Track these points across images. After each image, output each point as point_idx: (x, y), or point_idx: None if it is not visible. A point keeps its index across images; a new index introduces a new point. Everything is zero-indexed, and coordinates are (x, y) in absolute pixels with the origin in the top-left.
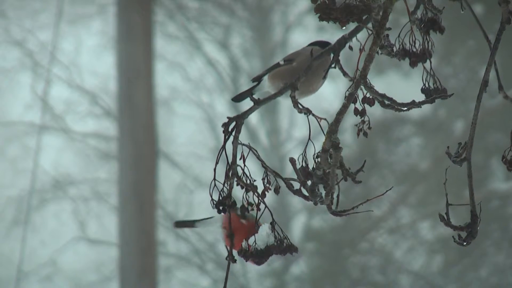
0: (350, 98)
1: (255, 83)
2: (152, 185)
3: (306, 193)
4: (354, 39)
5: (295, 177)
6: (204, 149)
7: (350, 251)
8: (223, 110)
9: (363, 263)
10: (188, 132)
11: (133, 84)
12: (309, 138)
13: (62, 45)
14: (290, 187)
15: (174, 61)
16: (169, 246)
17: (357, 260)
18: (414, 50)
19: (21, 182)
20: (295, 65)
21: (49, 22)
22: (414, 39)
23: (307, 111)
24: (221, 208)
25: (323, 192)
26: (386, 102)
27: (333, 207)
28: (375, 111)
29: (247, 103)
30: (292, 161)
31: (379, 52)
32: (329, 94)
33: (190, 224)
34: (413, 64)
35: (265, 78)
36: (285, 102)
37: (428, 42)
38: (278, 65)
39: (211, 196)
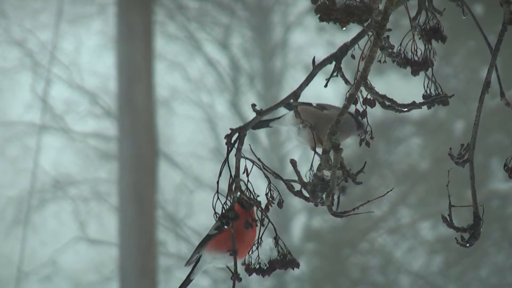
0: (350, 99)
1: (276, 117)
2: (152, 185)
3: (306, 194)
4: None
5: (295, 177)
6: (204, 149)
7: (350, 251)
8: (223, 110)
9: (363, 263)
10: (188, 132)
11: (133, 84)
12: (315, 151)
13: (62, 45)
14: (291, 188)
15: (174, 61)
16: (169, 246)
17: (357, 260)
18: (416, 58)
19: (21, 182)
20: (326, 113)
21: (49, 22)
22: (416, 47)
23: (311, 126)
24: (224, 221)
25: (324, 193)
26: (387, 103)
27: (334, 208)
28: (375, 111)
29: (247, 103)
30: (293, 162)
31: (381, 60)
32: (329, 94)
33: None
34: (414, 73)
35: (289, 114)
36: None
37: (430, 51)
38: (310, 104)
39: (214, 209)
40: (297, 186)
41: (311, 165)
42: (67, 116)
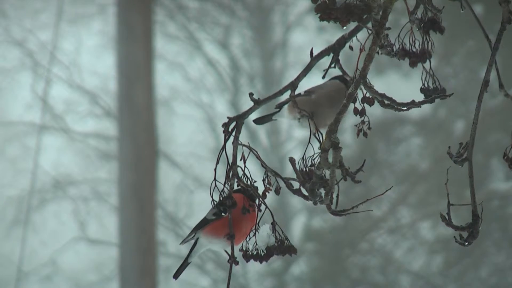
0: (350, 97)
1: (277, 110)
2: (152, 185)
3: (305, 193)
4: (354, 38)
5: (295, 176)
6: (204, 149)
7: (350, 251)
8: (223, 110)
9: (363, 263)
10: (188, 132)
11: (133, 84)
12: (309, 141)
13: (62, 45)
14: (290, 187)
15: (174, 61)
16: (169, 246)
17: (357, 260)
18: (414, 50)
19: (21, 182)
20: (314, 98)
21: (49, 22)
22: (414, 39)
23: (309, 115)
24: (222, 208)
25: (323, 192)
26: (386, 101)
27: (333, 207)
28: (375, 111)
29: (247, 103)
30: (292, 161)
31: (379, 52)
32: None
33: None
34: (412, 64)
35: (285, 106)
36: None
37: (428, 42)
38: (299, 95)
39: (212, 197)
40: (296, 185)
41: (304, 153)
42: (67, 116)
